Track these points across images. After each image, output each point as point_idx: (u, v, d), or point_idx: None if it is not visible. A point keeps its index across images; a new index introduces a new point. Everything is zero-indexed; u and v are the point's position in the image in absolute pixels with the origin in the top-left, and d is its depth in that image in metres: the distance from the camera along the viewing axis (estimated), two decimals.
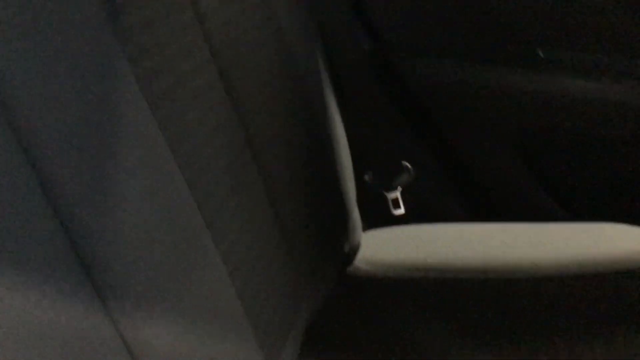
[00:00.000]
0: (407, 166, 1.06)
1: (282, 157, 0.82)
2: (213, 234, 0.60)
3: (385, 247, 1.02)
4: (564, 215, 1.05)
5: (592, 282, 0.88)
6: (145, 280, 0.51)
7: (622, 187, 1.02)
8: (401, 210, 1.06)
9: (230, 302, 0.64)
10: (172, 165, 0.55)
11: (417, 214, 1.06)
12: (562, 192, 1.06)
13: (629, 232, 0.95)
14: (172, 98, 0.58)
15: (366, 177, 1.07)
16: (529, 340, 0.80)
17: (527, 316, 0.84)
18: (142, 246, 0.51)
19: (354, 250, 1.02)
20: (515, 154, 1.05)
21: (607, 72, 0.96)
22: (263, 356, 0.69)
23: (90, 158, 0.47)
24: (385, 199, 1.06)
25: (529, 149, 1.05)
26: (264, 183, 0.75)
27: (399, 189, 1.05)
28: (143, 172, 0.52)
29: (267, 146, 0.77)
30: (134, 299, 0.50)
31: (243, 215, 0.69)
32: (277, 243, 0.78)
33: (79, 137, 0.47)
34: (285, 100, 0.86)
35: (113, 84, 0.50)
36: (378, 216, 1.07)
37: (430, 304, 0.90)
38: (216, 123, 0.66)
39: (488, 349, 0.79)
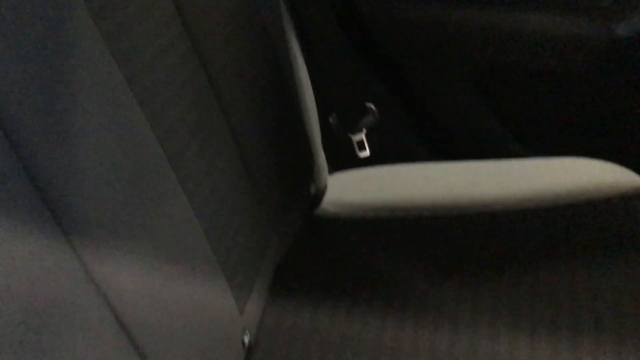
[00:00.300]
0: (371, 108, 1.07)
1: (245, 100, 0.82)
2: (177, 173, 0.61)
3: (351, 188, 1.04)
4: (524, 151, 1.07)
5: (551, 214, 0.90)
6: (109, 216, 0.52)
7: (579, 121, 1.04)
8: (366, 152, 1.07)
9: (197, 241, 0.65)
10: (132, 101, 0.56)
11: (382, 156, 1.08)
12: (521, 129, 1.08)
13: (587, 165, 0.98)
14: (130, 34, 0.58)
15: (331, 120, 1.07)
16: (491, 272, 0.82)
17: (489, 249, 0.87)
18: (104, 182, 0.51)
19: (321, 192, 1.03)
20: (475, 93, 1.06)
21: (562, 7, 0.97)
22: (232, 294, 0.71)
23: (48, 94, 0.47)
24: (350, 141, 1.07)
25: (488, 87, 1.06)
26: (228, 124, 0.75)
27: (364, 130, 1.06)
28: (101, 108, 0.52)
29: (230, 88, 0.78)
30: (99, 234, 0.51)
31: (207, 155, 0.69)
32: (243, 185, 0.79)
33: (37, 75, 0.47)
34: (248, 44, 0.85)
35: (69, 22, 0.50)
36: (344, 159, 1.08)
37: (396, 241, 0.92)
38: (176, 61, 0.66)
39: (452, 282, 0.82)
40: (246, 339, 0.73)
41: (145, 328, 0.55)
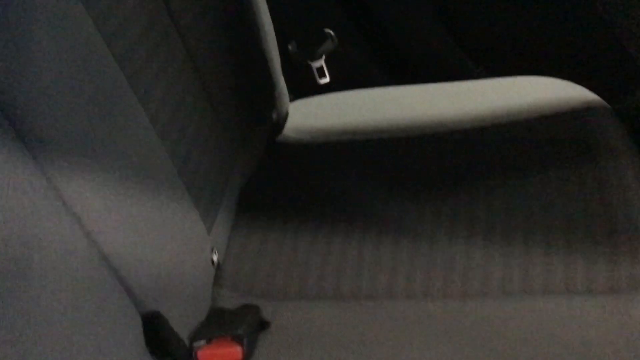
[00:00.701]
0: (330, 34, 1.08)
1: (203, 25, 0.82)
2: (137, 94, 0.62)
3: (312, 115, 1.06)
4: (480, 72, 1.09)
5: (506, 130, 0.93)
6: (74, 136, 0.53)
7: (532, 41, 1.07)
8: (326, 79, 1.09)
9: (163, 163, 0.67)
10: (88, 21, 0.56)
11: (342, 82, 1.09)
12: (478, 50, 1.10)
13: (540, 83, 1.01)
14: None
15: (290, 47, 1.08)
16: (450, 188, 0.85)
17: (448, 167, 0.90)
18: (67, 102, 0.52)
19: (282, 119, 1.04)
20: (433, 15, 1.08)
21: None
22: (199, 215, 0.73)
23: (6, 16, 0.48)
24: (310, 68, 1.08)
25: (446, 9, 1.08)
26: (186, 48, 0.76)
27: (323, 57, 1.07)
28: (59, 28, 0.53)
29: (187, 12, 0.78)
30: (66, 155, 0.52)
31: (166, 78, 0.70)
32: (204, 109, 0.80)
33: None
34: None
35: None
36: (304, 86, 1.10)
37: (358, 163, 0.94)
38: None
39: (412, 198, 0.85)
40: (215, 258, 0.76)
41: (116, 247, 0.57)
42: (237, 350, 0.67)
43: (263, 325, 0.72)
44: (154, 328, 0.61)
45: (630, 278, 0.69)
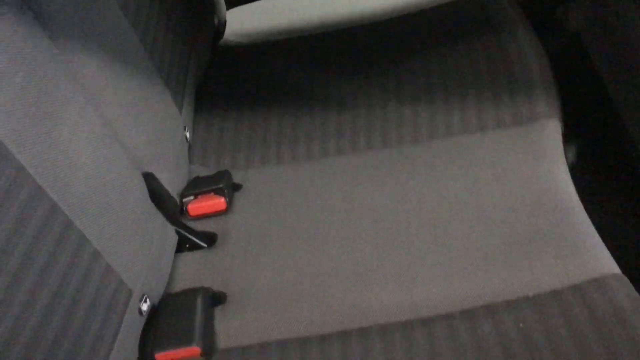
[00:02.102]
0: None
1: None
2: None
3: (249, 20, 1.17)
4: None
5: (420, 17, 1.08)
6: (73, 14, 0.63)
7: None
8: None
9: (136, 50, 0.77)
10: None
11: None
12: None
13: None
14: None
15: None
16: (379, 68, 0.99)
17: (374, 52, 1.03)
18: None
19: (222, 25, 1.16)
20: None
21: None
22: (170, 96, 0.84)
23: None
24: None
25: None
26: None
27: None
28: None
29: None
30: (70, 31, 0.63)
31: None
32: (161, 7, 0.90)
33: None
34: None
35: None
36: None
37: (295, 56, 1.07)
38: None
39: (348, 80, 0.98)
40: (187, 135, 0.88)
41: (114, 112, 0.69)
42: (221, 201, 0.81)
43: (235, 187, 0.86)
44: (150, 185, 0.74)
45: (529, 112, 0.85)
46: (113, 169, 0.66)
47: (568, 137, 0.86)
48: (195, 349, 0.65)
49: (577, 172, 0.79)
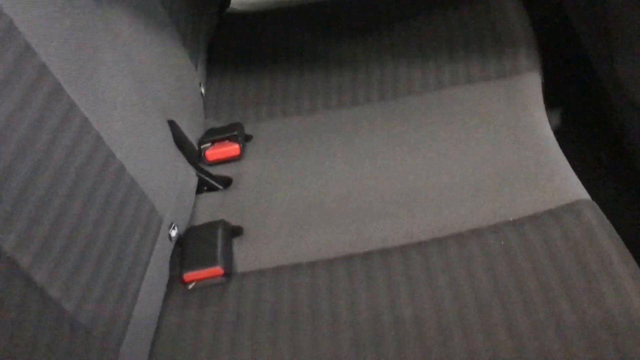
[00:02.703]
0: None
1: None
2: None
3: None
4: None
5: None
6: None
7: None
8: None
9: (157, 10, 0.86)
10: None
11: None
12: None
13: None
14: None
15: None
16: (373, 31, 1.07)
17: (369, 16, 1.12)
18: None
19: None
20: None
21: None
22: (187, 54, 0.92)
23: None
24: None
25: None
26: None
27: None
28: None
29: None
30: None
31: None
32: None
33: None
34: None
35: None
36: None
37: (297, 19, 1.15)
38: None
39: (347, 41, 1.06)
40: (202, 90, 0.97)
41: (140, 59, 0.77)
42: (235, 147, 0.90)
43: (246, 137, 0.94)
44: (173, 131, 0.82)
45: (513, 66, 0.94)
46: (142, 113, 0.74)
47: (547, 92, 0.95)
48: (218, 270, 0.74)
49: (554, 119, 0.88)
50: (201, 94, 0.96)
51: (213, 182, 0.87)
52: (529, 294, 0.67)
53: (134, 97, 0.73)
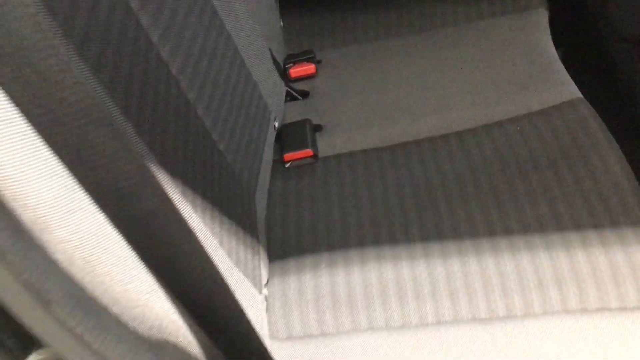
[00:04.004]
0: None
1: None
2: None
3: None
4: None
5: None
6: None
7: None
8: None
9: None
10: None
11: None
12: None
13: None
14: None
15: None
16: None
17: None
18: None
19: None
20: None
21: None
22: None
23: None
24: None
25: None
26: None
27: None
28: None
29: None
30: None
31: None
32: None
33: None
34: None
35: None
36: None
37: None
38: None
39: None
40: (281, 23, 1.22)
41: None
42: (312, 67, 1.17)
43: (319, 61, 1.20)
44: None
45: (526, 3, 1.20)
46: (256, 35, 1.00)
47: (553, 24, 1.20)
48: (309, 152, 1.01)
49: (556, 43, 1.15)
50: (280, 26, 1.22)
51: (295, 94, 1.14)
52: (539, 164, 0.93)
53: (250, 22, 0.99)
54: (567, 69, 1.08)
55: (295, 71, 1.16)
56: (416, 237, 0.88)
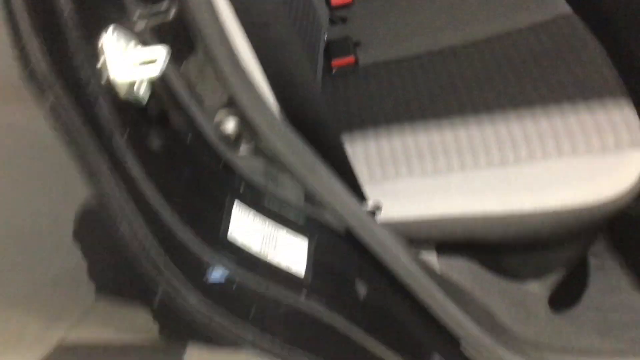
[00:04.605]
0: None
1: None
2: None
3: None
4: None
5: None
6: None
7: None
8: None
9: None
10: None
11: None
12: None
13: None
14: None
15: None
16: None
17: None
18: None
19: None
20: None
21: None
22: None
23: None
24: None
25: None
26: None
27: None
28: None
29: None
30: None
31: None
32: None
33: None
34: None
35: None
36: None
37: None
38: None
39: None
40: None
41: None
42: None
43: None
44: None
45: None
46: None
47: None
48: (351, 58, 1.25)
49: None
50: None
51: (333, 19, 1.37)
52: (538, 60, 1.16)
53: None
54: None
55: (336, 0, 1.39)
56: (442, 112, 1.11)
